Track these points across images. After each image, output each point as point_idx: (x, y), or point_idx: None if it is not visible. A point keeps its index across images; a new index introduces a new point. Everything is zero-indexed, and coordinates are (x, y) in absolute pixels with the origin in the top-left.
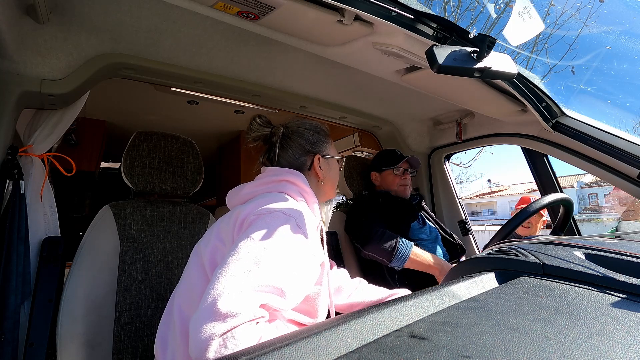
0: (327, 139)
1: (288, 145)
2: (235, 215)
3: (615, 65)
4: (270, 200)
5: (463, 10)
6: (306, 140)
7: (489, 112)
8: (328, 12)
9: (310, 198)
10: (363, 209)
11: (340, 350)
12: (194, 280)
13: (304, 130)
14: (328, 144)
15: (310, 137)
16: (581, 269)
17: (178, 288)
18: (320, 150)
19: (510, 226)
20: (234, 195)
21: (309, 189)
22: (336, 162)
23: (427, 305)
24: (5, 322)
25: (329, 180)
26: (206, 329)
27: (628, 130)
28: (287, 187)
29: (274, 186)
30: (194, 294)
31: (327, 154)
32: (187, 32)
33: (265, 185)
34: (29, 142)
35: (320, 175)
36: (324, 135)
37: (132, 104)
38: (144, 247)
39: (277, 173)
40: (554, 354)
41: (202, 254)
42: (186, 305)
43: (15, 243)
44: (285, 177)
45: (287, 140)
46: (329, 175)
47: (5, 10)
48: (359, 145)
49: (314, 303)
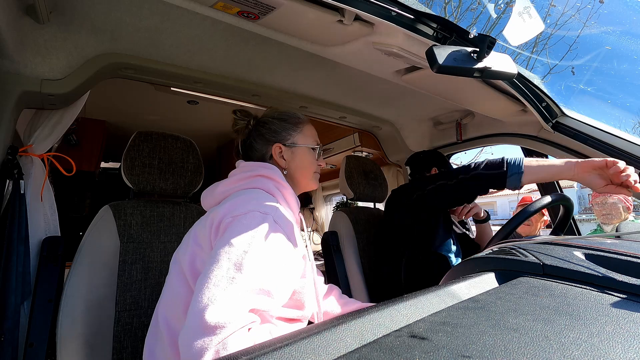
0: (296, 127)
1: (256, 136)
2: (211, 218)
3: (615, 65)
4: (245, 199)
5: (463, 11)
6: (269, 130)
7: (489, 112)
8: (328, 12)
9: (288, 191)
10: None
11: (340, 350)
12: (177, 290)
13: (271, 119)
14: (296, 132)
15: (274, 126)
16: (581, 269)
17: (162, 299)
18: (283, 139)
19: (511, 226)
20: (209, 195)
21: (285, 182)
22: (308, 150)
23: (427, 305)
24: (5, 322)
25: (296, 170)
26: (197, 344)
27: (628, 130)
28: (262, 183)
29: (249, 182)
30: (178, 304)
31: (293, 142)
32: (187, 32)
33: (239, 182)
34: (29, 142)
35: (282, 164)
36: (293, 123)
37: (132, 104)
38: (144, 247)
39: (251, 168)
40: (554, 354)
41: (182, 261)
42: (172, 315)
43: (15, 243)
44: (260, 173)
45: (256, 131)
46: (294, 164)
47: (5, 10)
48: (359, 145)
49: (300, 296)
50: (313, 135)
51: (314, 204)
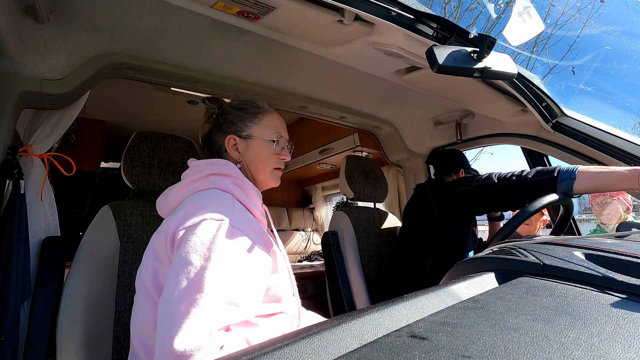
0: (254, 117)
1: (215, 127)
2: (165, 229)
3: (615, 65)
4: (197, 206)
5: (463, 11)
6: (226, 120)
7: (489, 112)
8: (328, 12)
9: (247, 185)
10: None
11: (340, 350)
12: (146, 310)
13: (229, 109)
14: (253, 122)
15: (230, 116)
16: (581, 269)
17: (132, 320)
18: (239, 130)
19: (511, 226)
20: (162, 203)
21: (242, 176)
22: (265, 143)
23: (427, 305)
24: (5, 322)
25: (250, 164)
26: None
27: (628, 130)
28: (217, 181)
29: (202, 184)
30: (150, 325)
31: (249, 134)
32: (187, 32)
33: (192, 184)
34: (29, 142)
35: (235, 157)
36: (250, 113)
37: (132, 104)
38: (144, 247)
39: (201, 168)
40: (554, 354)
41: (144, 279)
42: (147, 337)
43: (15, 243)
44: (211, 172)
45: (216, 122)
46: (247, 157)
47: (5, 10)
48: (359, 145)
49: (276, 291)
50: (274, 126)
51: (314, 204)
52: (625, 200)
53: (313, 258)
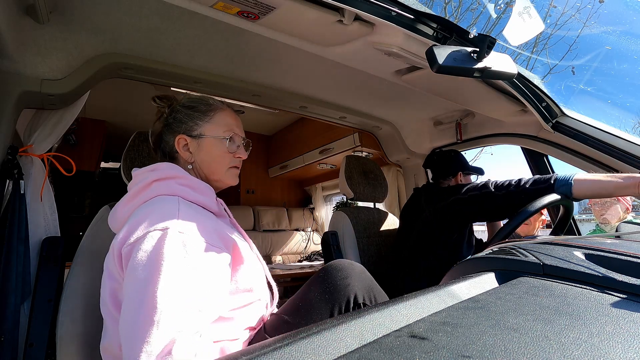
0: (205, 115)
1: (165, 127)
2: (112, 249)
3: (615, 65)
4: (139, 220)
5: (463, 11)
6: (175, 119)
7: (489, 112)
8: (328, 12)
9: (195, 183)
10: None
11: (340, 350)
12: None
13: (179, 107)
14: (204, 120)
15: (180, 115)
16: (581, 269)
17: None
18: (189, 129)
19: (511, 226)
20: (112, 221)
21: (188, 175)
22: (217, 141)
23: (427, 305)
24: (5, 322)
25: (203, 164)
26: None
27: (628, 130)
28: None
29: (146, 194)
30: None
31: (200, 132)
32: (187, 32)
33: (137, 197)
34: (29, 142)
35: (187, 158)
36: (200, 111)
37: (132, 104)
38: None
39: (142, 178)
40: (554, 354)
41: (106, 300)
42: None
43: (15, 243)
44: (153, 178)
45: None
46: (199, 157)
47: (5, 10)
48: (359, 145)
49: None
50: (227, 124)
51: (314, 204)
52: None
53: (313, 258)
